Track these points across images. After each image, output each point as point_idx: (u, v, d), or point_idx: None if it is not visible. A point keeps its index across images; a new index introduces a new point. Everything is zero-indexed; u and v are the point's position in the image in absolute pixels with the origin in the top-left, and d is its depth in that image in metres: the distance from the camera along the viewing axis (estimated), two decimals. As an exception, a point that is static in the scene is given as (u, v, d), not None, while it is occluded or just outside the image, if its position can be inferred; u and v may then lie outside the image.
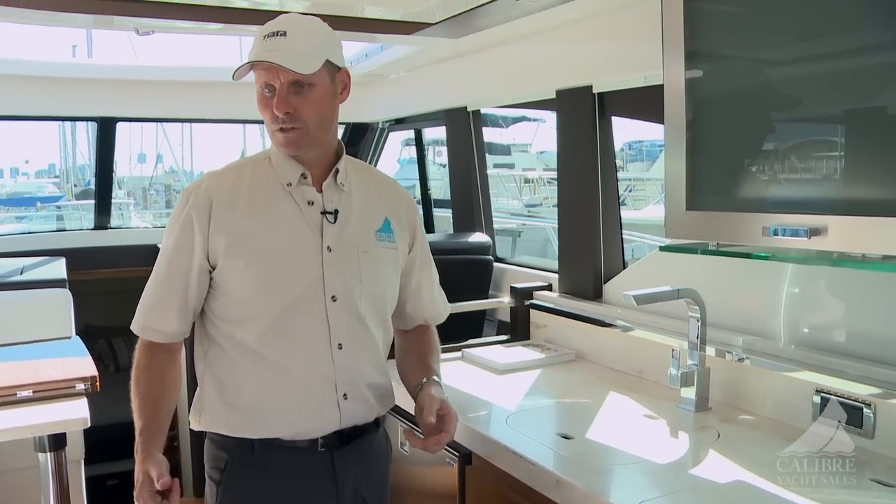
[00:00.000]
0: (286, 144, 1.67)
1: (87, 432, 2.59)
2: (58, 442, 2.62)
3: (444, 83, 3.71)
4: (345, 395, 1.72)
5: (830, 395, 1.85)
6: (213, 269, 1.69)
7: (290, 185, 1.70)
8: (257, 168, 1.73)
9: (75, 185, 20.36)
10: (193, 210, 1.68)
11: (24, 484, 3.57)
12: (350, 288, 1.72)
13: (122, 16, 2.69)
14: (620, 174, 2.88)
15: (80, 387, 2.43)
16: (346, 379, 1.72)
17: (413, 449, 2.28)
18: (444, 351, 2.74)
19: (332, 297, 1.70)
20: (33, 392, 2.44)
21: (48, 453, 2.97)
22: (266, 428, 1.70)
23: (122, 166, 19.17)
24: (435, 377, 1.84)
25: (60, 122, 18.42)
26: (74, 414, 2.31)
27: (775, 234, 1.59)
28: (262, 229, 1.68)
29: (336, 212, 1.73)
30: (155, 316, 1.72)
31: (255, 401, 1.70)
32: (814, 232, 1.52)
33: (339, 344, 1.71)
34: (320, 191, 1.73)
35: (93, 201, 4.88)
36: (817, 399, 1.88)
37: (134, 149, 20.21)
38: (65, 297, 3.44)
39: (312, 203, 1.71)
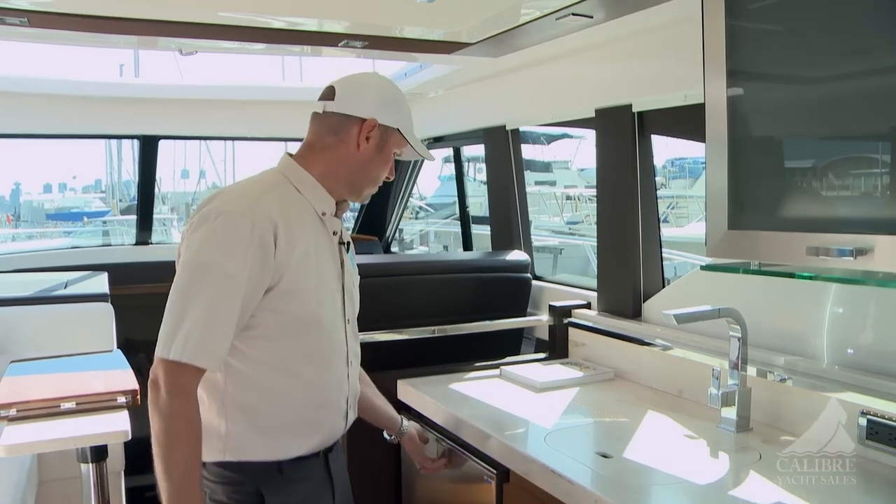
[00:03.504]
0: (366, 198, 1.93)
1: (127, 444, 2.62)
2: (99, 453, 2.65)
3: (482, 102, 3.73)
4: (348, 407, 1.89)
5: (877, 417, 1.81)
6: (268, 292, 1.67)
7: (325, 214, 1.79)
8: (290, 194, 1.77)
9: (120, 201, 20.76)
10: (261, 234, 1.64)
11: (66, 493, 3.62)
12: (355, 311, 1.94)
13: (165, 37, 2.74)
14: (663, 191, 2.87)
15: (122, 400, 2.46)
16: (352, 393, 1.90)
17: (451, 466, 2.29)
18: (482, 368, 2.77)
19: (348, 319, 1.88)
20: (76, 404, 2.48)
21: (90, 464, 3.02)
22: (297, 446, 1.78)
23: (167, 182, 19.52)
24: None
25: (107, 140, 18.84)
26: (116, 426, 2.34)
27: (820, 253, 1.56)
28: (311, 256, 1.74)
29: (349, 243, 1.91)
30: (208, 341, 1.60)
31: (291, 420, 1.75)
32: (859, 252, 1.49)
33: (350, 361, 1.88)
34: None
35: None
36: (863, 421, 1.84)
37: (178, 164, 20.59)
38: (107, 311, 3.50)
39: (336, 233, 1.84)
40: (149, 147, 4.70)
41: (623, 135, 2.72)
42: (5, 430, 2.54)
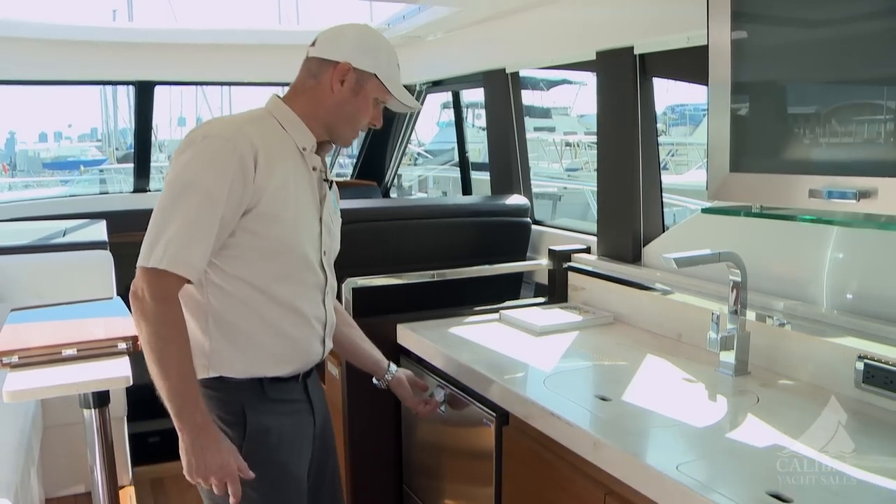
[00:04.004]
0: (351, 143, 2.04)
1: (128, 391, 2.64)
2: (101, 399, 2.68)
3: (482, 44, 3.67)
4: (325, 335, 1.97)
5: (874, 361, 1.82)
6: (246, 214, 1.74)
7: (305, 150, 1.86)
8: (274, 127, 1.84)
9: (117, 149, 20.64)
10: (242, 156, 1.70)
11: (70, 439, 3.67)
12: (333, 246, 1.99)
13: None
14: (662, 138, 2.84)
15: (122, 346, 2.47)
16: (329, 322, 1.98)
17: (450, 410, 2.31)
18: (482, 312, 2.77)
19: (324, 252, 1.93)
20: (77, 351, 2.49)
21: (93, 410, 3.05)
22: (276, 366, 1.87)
23: (163, 130, 19.36)
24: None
25: (102, 87, 18.61)
26: (117, 372, 2.36)
27: (822, 196, 1.55)
28: (289, 185, 1.80)
29: (332, 182, 1.98)
30: (187, 251, 1.67)
31: (268, 339, 1.84)
32: (862, 194, 1.48)
33: (326, 291, 1.95)
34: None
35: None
36: (860, 365, 1.85)
37: (174, 112, 20.42)
38: (106, 258, 3.50)
39: (315, 169, 1.90)
40: (144, 93, 4.65)
41: (624, 77, 2.69)
42: (8, 377, 2.56)
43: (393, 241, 2.96)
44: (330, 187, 1.97)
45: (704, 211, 2.04)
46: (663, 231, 2.77)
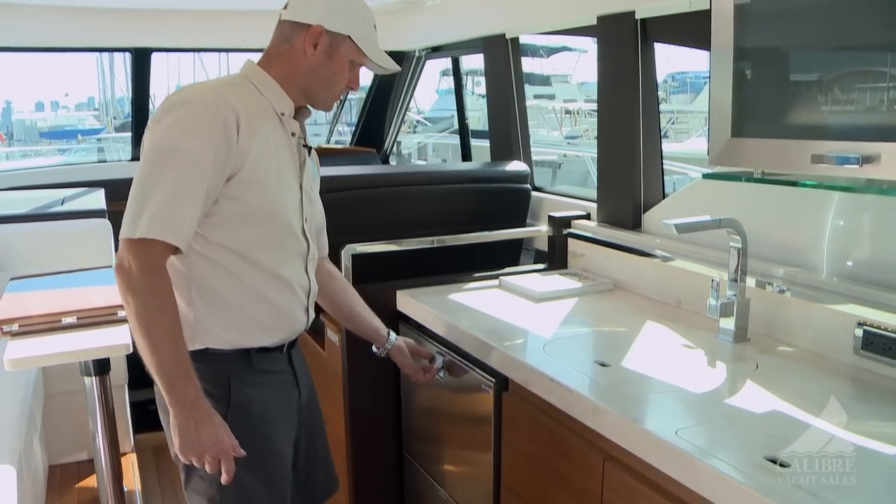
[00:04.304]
0: (331, 107, 1.96)
1: (129, 359, 2.65)
2: (102, 367, 2.69)
3: (481, 9, 3.64)
4: (309, 303, 1.94)
5: (873, 328, 1.82)
6: (229, 180, 1.70)
7: (284, 115, 1.83)
8: (251, 92, 1.80)
9: (114, 118, 20.53)
10: (224, 120, 1.66)
11: (72, 407, 3.70)
12: (314, 213, 1.96)
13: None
14: (663, 106, 2.82)
15: (122, 314, 2.47)
16: (312, 290, 1.95)
17: (449, 376, 2.32)
18: (481, 279, 2.77)
19: (306, 219, 1.90)
20: (77, 319, 2.49)
21: (93, 377, 3.06)
22: (261, 336, 1.84)
23: (161, 98, 19.22)
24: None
25: (98, 55, 18.45)
26: (117, 340, 2.36)
27: (826, 161, 1.54)
28: (270, 149, 1.77)
29: (311, 148, 1.95)
30: (175, 219, 1.62)
31: (252, 307, 1.81)
32: (865, 160, 1.47)
33: (308, 259, 1.92)
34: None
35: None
36: (859, 332, 1.85)
37: (172, 80, 20.25)
38: (105, 226, 3.50)
39: (294, 134, 1.87)
40: (141, 60, 4.61)
41: (625, 42, 2.66)
42: (9, 345, 2.57)
43: (392, 207, 2.95)
44: (309, 153, 1.94)
45: (705, 176, 2.03)
46: (663, 198, 2.76)
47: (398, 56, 4.63)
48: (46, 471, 3.77)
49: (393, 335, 2.23)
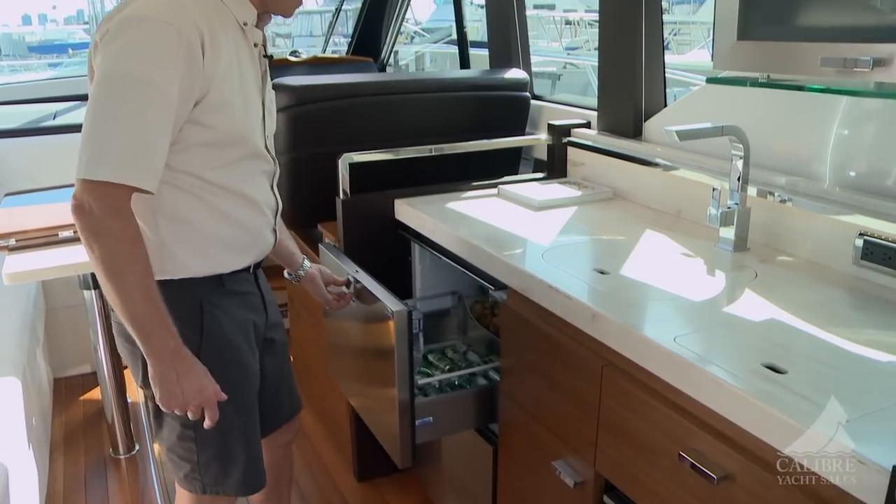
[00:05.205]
0: (292, 13, 1.78)
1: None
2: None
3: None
4: (275, 222, 1.90)
5: (873, 237, 1.81)
6: (195, 106, 1.59)
7: (246, 24, 1.71)
8: (211, 1, 1.65)
9: (105, 31, 20.11)
10: (189, 43, 1.52)
11: (73, 320, 3.73)
12: (272, 128, 1.88)
13: None
14: (665, 17, 2.73)
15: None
16: (278, 207, 1.90)
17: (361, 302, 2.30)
18: (480, 187, 2.75)
19: (267, 135, 1.82)
20: (74, 233, 2.48)
21: (92, 291, 3.08)
22: (233, 260, 1.80)
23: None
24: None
25: (84, -38, 17.97)
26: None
27: (836, 64, 1.49)
28: (234, 67, 1.66)
29: (272, 56, 1.84)
30: (145, 159, 1.49)
31: (223, 232, 1.75)
32: (877, 63, 1.43)
33: (273, 177, 1.86)
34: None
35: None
36: (859, 242, 1.84)
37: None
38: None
39: (256, 45, 1.76)
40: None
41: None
42: (7, 260, 2.57)
43: (390, 116, 2.90)
44: (270, 63, 1.84)
45: (709, 81, 1.99)
46: (665, 106, 2.72)
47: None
48: (51, 383, 3.84)
49: (307, 262, 2.17)
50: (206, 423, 1.68)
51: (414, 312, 2.52)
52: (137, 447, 3.39)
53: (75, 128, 3.50)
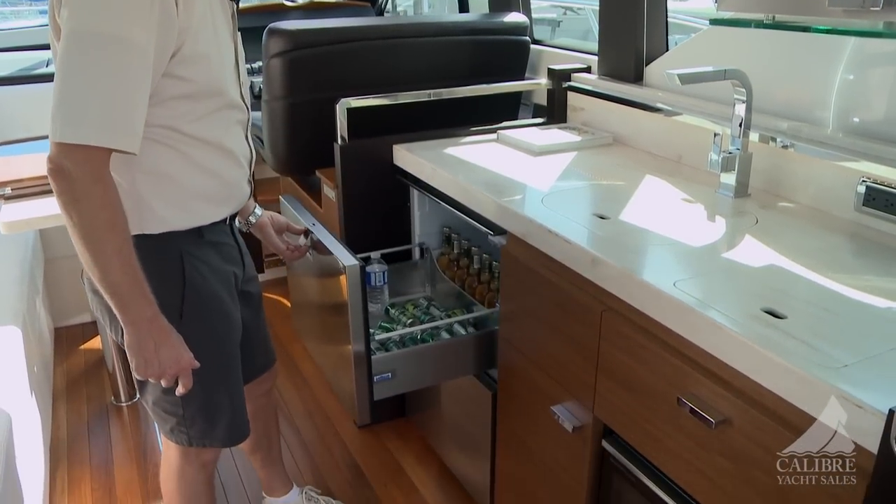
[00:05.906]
0: None
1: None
2: (97, 227, 2.68)
3: None
4: (251, 173, 1.89)
5: (876, 183, 1.79)
6: (170, 60, 1.53)
7: None
8: None
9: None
10: None
11: (72, 269, 3.72)
12: (246, 76, 1.83)
13: None
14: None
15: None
16: (252, 157, 1.89)
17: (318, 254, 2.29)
18: (479, 133, 2.72)
19: (242, 83, 1.78)
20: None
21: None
22: (212, 210, 1.77)
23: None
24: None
25: None
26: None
27: (844, 3, 1.46)
28: (208, 17, 1.61)
29: (238, 2, 1.78)
30: (125, 121, 1.45)
31: (201, 184, 1.71)
32: (889, 2, 1.40)
33: (247, 126, 1.83)
34: None
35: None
36: (861, 188, 1.82)
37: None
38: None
39: None
40: None
41: None
42: (3, 209, 2.55)
43: (388, 60, 2.85)
44: (237, 7, 1.77)
45: (713, 22, 1.96)
46: (667, 51, 2.68)
47: None
48: (52, 332, 3.85)
49: (259, 209, 2.14)
50: (179, 391, 1.68)
51: (377, 265, 2.53)
52: (138, 395, 3.41)
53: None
